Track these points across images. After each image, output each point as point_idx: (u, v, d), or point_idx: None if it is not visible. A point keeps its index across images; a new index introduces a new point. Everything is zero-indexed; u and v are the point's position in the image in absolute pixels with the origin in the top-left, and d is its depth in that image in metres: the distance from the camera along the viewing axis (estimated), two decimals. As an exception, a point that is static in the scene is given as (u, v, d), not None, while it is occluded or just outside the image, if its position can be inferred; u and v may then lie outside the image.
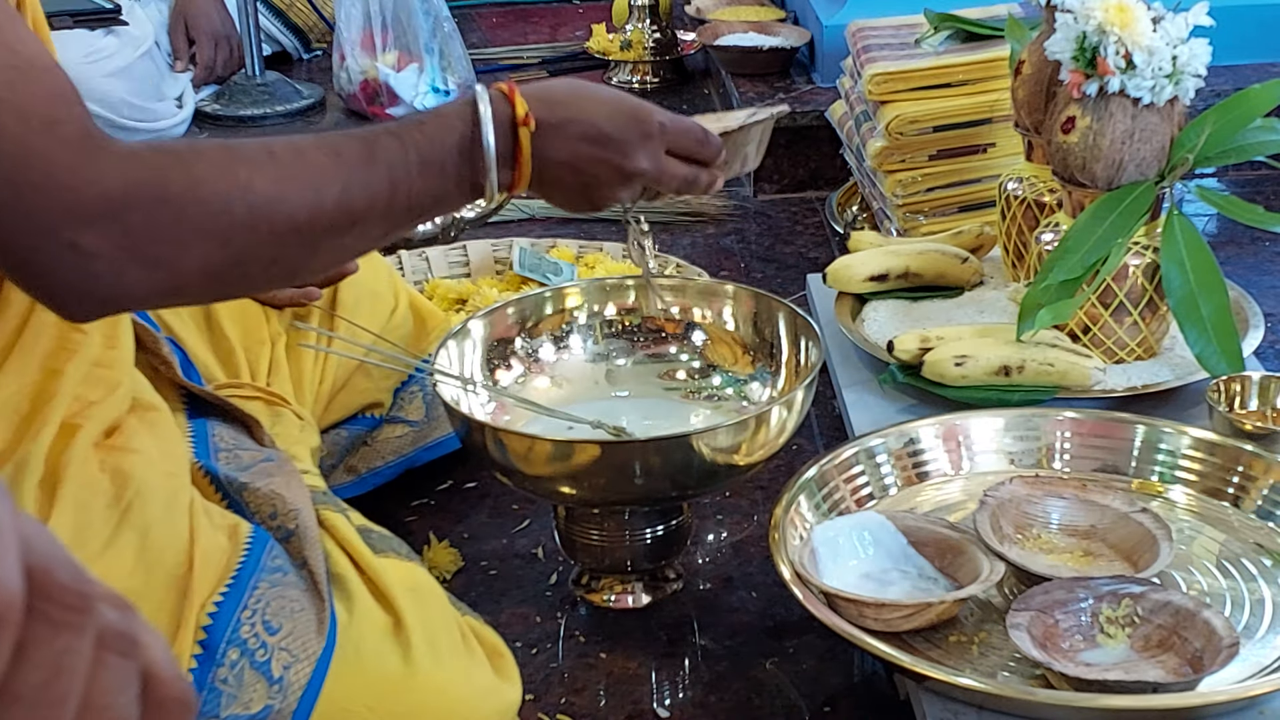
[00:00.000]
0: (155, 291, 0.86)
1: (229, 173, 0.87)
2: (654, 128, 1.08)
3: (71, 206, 0.81)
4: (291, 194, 0.89)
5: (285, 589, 1.00)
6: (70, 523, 0.93)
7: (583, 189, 1.07)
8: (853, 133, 2.06)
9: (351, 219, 0.93)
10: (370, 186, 0.93)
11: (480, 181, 0.99)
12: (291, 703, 0.97)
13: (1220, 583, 1.25)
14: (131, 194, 0.83)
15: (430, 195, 0.97)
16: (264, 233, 0.88)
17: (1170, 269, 1.49)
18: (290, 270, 0.96)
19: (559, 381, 1.45)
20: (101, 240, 0.82)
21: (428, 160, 0.96)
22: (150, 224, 0.84)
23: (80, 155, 0.82)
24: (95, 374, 1.01)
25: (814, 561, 1.22)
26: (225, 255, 0.87)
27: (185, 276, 0.86)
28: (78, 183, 0.81)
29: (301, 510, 1.06)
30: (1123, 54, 1.46)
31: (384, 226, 0.96)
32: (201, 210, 0.85)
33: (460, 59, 2.70)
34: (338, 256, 0.97)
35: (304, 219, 0.90)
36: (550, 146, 1.03)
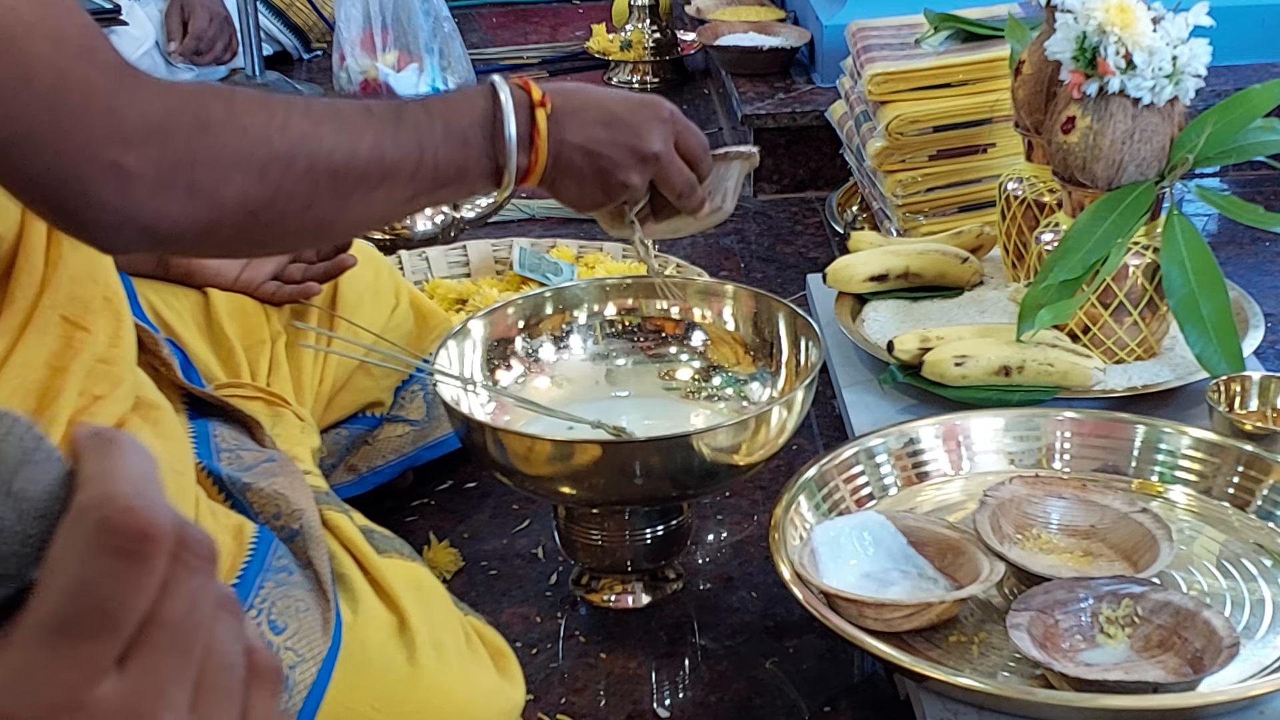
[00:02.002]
0: (194, 223, 0.85)
1: (267, 109, 0.88)
2: (665, 112, 1.12)
3: (112, 129, 0.81)
4: (326, 136, 0.90)
5: (290, 589, 1.01)
6: None
7: (596, 174, 1.08)
8: (853, 133, 2.06)
9: (382, 173, 0.94)
10: (400, 144, 0.94)
11: (500, 163, 1.01)
12: (297, 702, 0.97)
13: (1220, 583, 1.25)
14: (172, 119, 0.83)
15: (454, 165, 0.98)
16: (301, 169, 0.89)
17: (1170, 269, 1.49)
18: (323, 221, 0.95)
19: (559, 381, 1.45)
20: (142, 162, 0.82)
21: (451, 130, 0.98)
22: (190, 149, 0.84)
23: (118, 80, 0.82)
24: (99, 370, 1.01)
25: (814, 561, 1.22)
26: (263, 190, 0.87)
27: (223, 208, 0.86)
28: (118, 105, 0.81)
29: (305, 510, 1.07)
30: (1123, 54, 1.46)
31: (411, 189, 0.97)
32: (240, 139, 0.86)
33: (460, 59, 2.70)
34: (367, 214, 0.97)
35: (339, 162, 0.91)
36: (566, 129, 1.05)
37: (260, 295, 1.38)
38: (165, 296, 1.33)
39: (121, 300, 1.06)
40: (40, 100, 0.80)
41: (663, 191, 1.15)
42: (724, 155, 1.22)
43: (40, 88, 0.80)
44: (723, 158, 1.22)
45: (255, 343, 1.36)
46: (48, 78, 0.80)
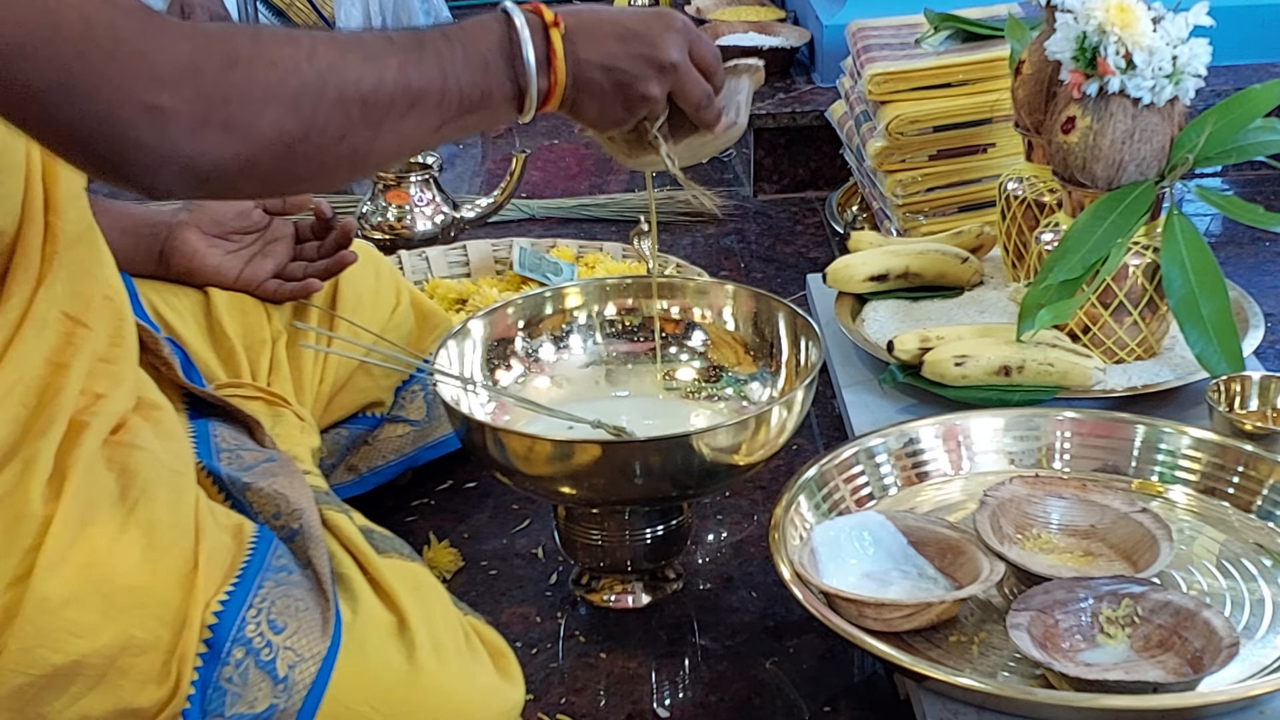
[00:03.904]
0: (232, 159, 0.86)
1: (293, 42, 0.89)
2: (678, 23, 1.12)
3: (144, 70, 0.82)
4: (353, 63, 0.91)
5: (290, 588, 1.01)
6: (76, 519, 0.94)
7: (617, 89, 1.08)
8: (853, 133, 2.06)
9: (409, 99, 0.95)
10: (424, 70, 0.96)
11: (522, 85, 1.02)
12: (296, 702, 0.97)
13: (1220, 583, 1.26)
14: (201, 57, 0.84)
15: (477, 90, 0.99)
16: (332, 98, 0.90)
17: (1170, 269, 1.49)
18: (357, 151, 0.95)
19: (559, 381, 1.45)
20: (177, 100, 0.83)
21: (471, 55, 0.99)
22: (222, 85, 0.85)
23: (144, 23, 0.83)
24: (101, 369, 1.01)
25: (814, 561, 1.22)
26: (296, 121, 0.88)
27: (260, 142, 0.87)
28: (146, 47, 0.82)
29: (305, 510, 1.07)
30: (1123, 54, 1.46)
31: (439, 116, 0.98)
32: (270, 72, 0.87)
33: (460, 59, 2.70)
34: (398, 142, 0.98)
35: (368, 89, 0.92)
36: (583, 46, 1.05)
37: (261, 294, 1.38)
38: (166, 296, 1.33)
39: (122, 299, 1.06)
40: (70, 47, 0.81)
41: (681, 104, 1.15)
42: (733, 69, 1.22)
43: (69, 35, 0.81)
44: (733, 70, 1.21)
45: (256, 342, 1.36)
46: (75, 25, 0.81)
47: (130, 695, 0.94)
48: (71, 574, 0.92)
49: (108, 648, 0.93)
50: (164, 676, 0.95)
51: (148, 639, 0.94)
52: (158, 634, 0.95)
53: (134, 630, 0.94)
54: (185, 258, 1.35)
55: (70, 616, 0.92)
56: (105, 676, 0.93)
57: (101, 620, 0.93)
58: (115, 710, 0.94)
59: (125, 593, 0.94)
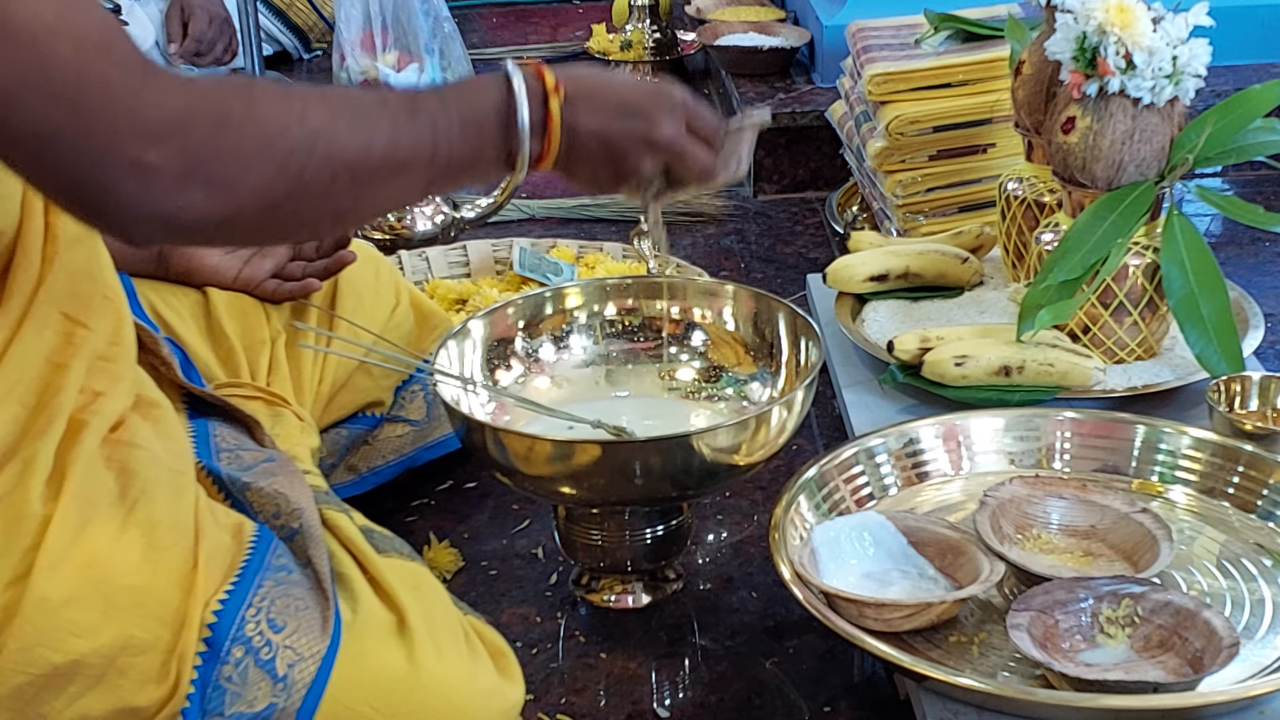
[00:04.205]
0: (215, 215, 0.86)
1: (285, 101, 0.89)
2: (677, 100, 1.12)
3: (133, 125, 0.82)
4: (343, 127, 0.91)
5: (290, 587, 1.01)
6: (76, 518, 0.94)
7: (609, 160, 1.09)
8: (853, 133, 2.06)
9: (398, 162, 0.95)
10: (415, 135, 0.96)
11: (514, 150, 1.01)
12: (296, 701, 0.97)
13: (1220, 583, 1.25)
14: (193, 114, 0.84)
15: (468, 155, 0.99)
16: (318, 161, 0.90)
17: (1170, 269, 1.49)
18: (339, 210, 0.96)
19: (559, 381, 1.45)
20: (164, 157, 0.83)
21: (466, 120, 0.99)
22: (211, 143, 0.85)
23: (139, 77, 0.83)
24: (99, 366, 1.01)
25: (814, 561, 1.22)
26: (282, 182, 0.88)
27: (244, 200, 0.87)
28: (139, 103, 0.82)
29: (305, 510, 1.07)
30: (1123, 54, 1.46)
31: (426, 178, 0.98)
32: (260, 132, 0.87)
33: (460, 59, 2.70)
34: (383, 202, 0.98)
35: (356, 153, 0.92)
36: (579, 116, 1.05)
37: (260, 293, 1.38)
38: (165, 296, 1.33)
39: (121, 298, 1.06)
40: (62, 99, 0.81)
41: (679, 174, 1.15)
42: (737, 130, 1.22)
43: (62, 87, 0.81)
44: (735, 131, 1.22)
45: (255, 342, 1.36)
46: (69, 77, 0.81)
47: (130, 695, 0.94)
48: (71, 573, 0.92)
49: (107, 647, 0.93)
50: (163, 676, 0.95)
51: (147, 638, 0.94)
52: (157, 633, 0.95)
53: (133, 630, 0.94)
54: (184, 257, 1.35)
55: (70, 616, 0.92)
56: (104, 676, 0.93)
57: (101, 620, 0.93)
58: (115, 710, 0.94)
59: (125, 592, 0.94)
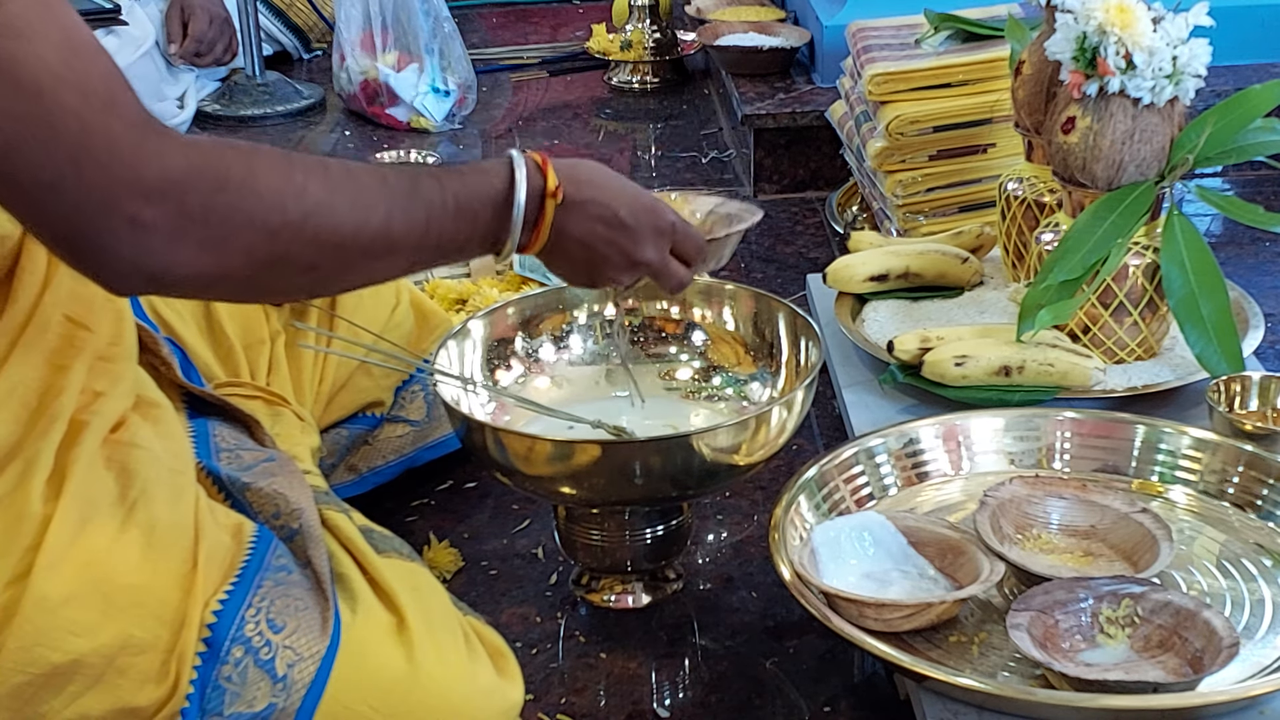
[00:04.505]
0: (201, 274, 0.87)
1: (286, 173, 0.90)
2: (666, 225, 1.14)
3: (133, 182, 0.82)
4: (340, 205, 0.92)
5: (290, 588, 1.01)
6: (76, 518, 0.94)
7: (588, 265, 1.12)
8: (853, 133, 2.06)
9: (388, 244, 0.95)
10: (410, 217, 0.96)
11: (502, 239, 1.03)
12: (295, 701, 0.97)
13: (1220, 583, 1.26)
14: (192, 176, 0.85)
15: (458, 239, 1.01)
16: (309, 236, 0.90)
17: (1170, 269, 1.49)
18: (322, 281, 0.97)
19: (559, 381, 1.45)
20: (159, 216, 0.83)
21: (463, 207, 1.00)
22: (207, 207, 0.85)
23: (142, 134, 0.83)
24: (100, 367, 1.02)
25: (814, 562, 1.22)
26: (270, 250, 0.89)
27: (231, 264, 0.87)
28: (139, 160, 0.83)
29: (305, 510, 1.07)
30: (1123, 54, 1.46)
31: (412, 259, 0.99)
32: (257, 202, 0.87)
33: (460, 59, 2.70)
34: (366, 279, 1.00)
35: (348, 232, 0.92)
36: (570, 221, 1.07)
37: None
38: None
39: (122, 299, 1.06)
40: (65, 152, 0.81)
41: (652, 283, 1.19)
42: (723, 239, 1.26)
43: (65, 140, 0.81)
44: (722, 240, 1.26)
45: (255, 342, 1.36)
46: (73, 130, 0.81)
47: (129, 694, 0.94)
48: (71, 573, 0.92)
49: (106, 647, 0.93)
50: (163, 675, 0.95)
51: (146, 638, 0.94)
52: (156, 633, 0.95)
53: (133, 629, 0.94)
54: None
55: (69, 615, 0.92)
56: (104, 676, 0.93)
57: (100, 619, 0.93)
58: (114, 709, 0.94)
59: (124, 592, 0.94)
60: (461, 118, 2.69)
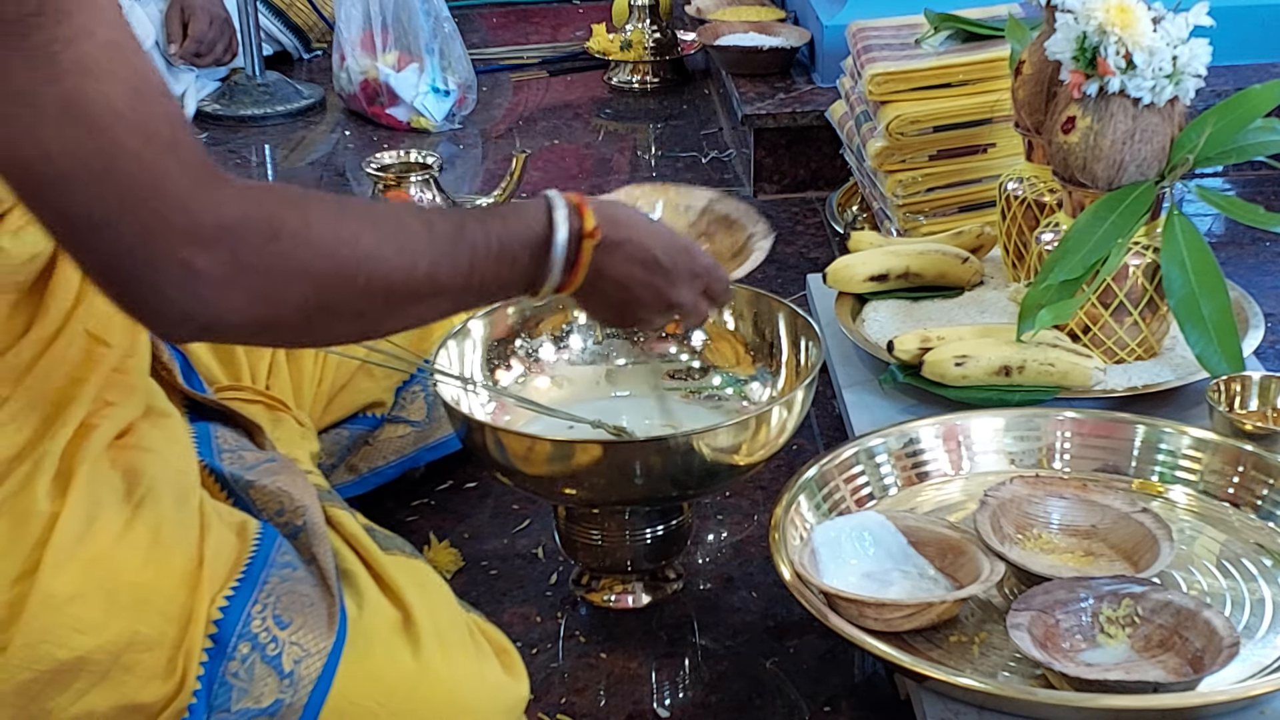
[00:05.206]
0: (251, 323, 0.87)
1: (338, 222, 0.89)
2: (700, 268, 1.14)
3: (188, 228, 0.82)
4: (390, 255, 0.92)
5: (295, 584, 1.01)
6: (82, 516, 0.94)
7: (623, 305, 1.11)
8: (853, 133, 2.06)
9: (433, 289, 0.95)
10: (455, 263, 0.96)
11: (540, 282, 1.02)
12: (302, 697, 0.97)
13: (1221, 583, 1.26)
14: (247, 225, 0.84)
15: (498, 282, 1.00)
16: (360, 285, 0.90)
17: (1171, 269, 1.49)
18: (368, 328, 0.98)
19: (559, 381, 1.45)
20: (212, 263, 0.83)
21: (505, 251, 0.99)
22: (261, 255, 0.85)
23: (200, 181, 0.83)
24: (114, 378, 1.02)
25: (814, 561, 1.22)
26: (321, 299, 0.89)
27: (282, 312, 0.87)
28: (195, 205, 0.82)
29: (309, 507, 1.07)
30: (1123, 54, 1.46)
31: (454, 302, 0.99)
32: (309, 252, 0.87)
33: (461, 59, 2.70)
34: (410, 323, 1.00)
35: (398, 280, 0.92)
36: (608, 262, 1.06)
37: None
38: None
39: None
40: (119, 192, 0.81)
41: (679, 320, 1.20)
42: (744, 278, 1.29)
43: (121, 179, 0.80)
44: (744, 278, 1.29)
45: None
46: (130, 170, 0.80)
47: (135, 691, 0.94)
48: (77, 570, 0.93)
49: (112, 643, 0.93)
50: (170, 672, 0.95)
51: (153, 635, 0.95)
52: (163, 630, 0.95)
53: (139, 626, 0.94)
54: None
55: (75, 612, 0.93)
56: (110, 672, 0.94)
57: (106, 616, 0.93)
58: (120, 706, 0.94)
59: (130, 589, 0.95)
60: (461, 118, 2.69)
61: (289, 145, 2.67)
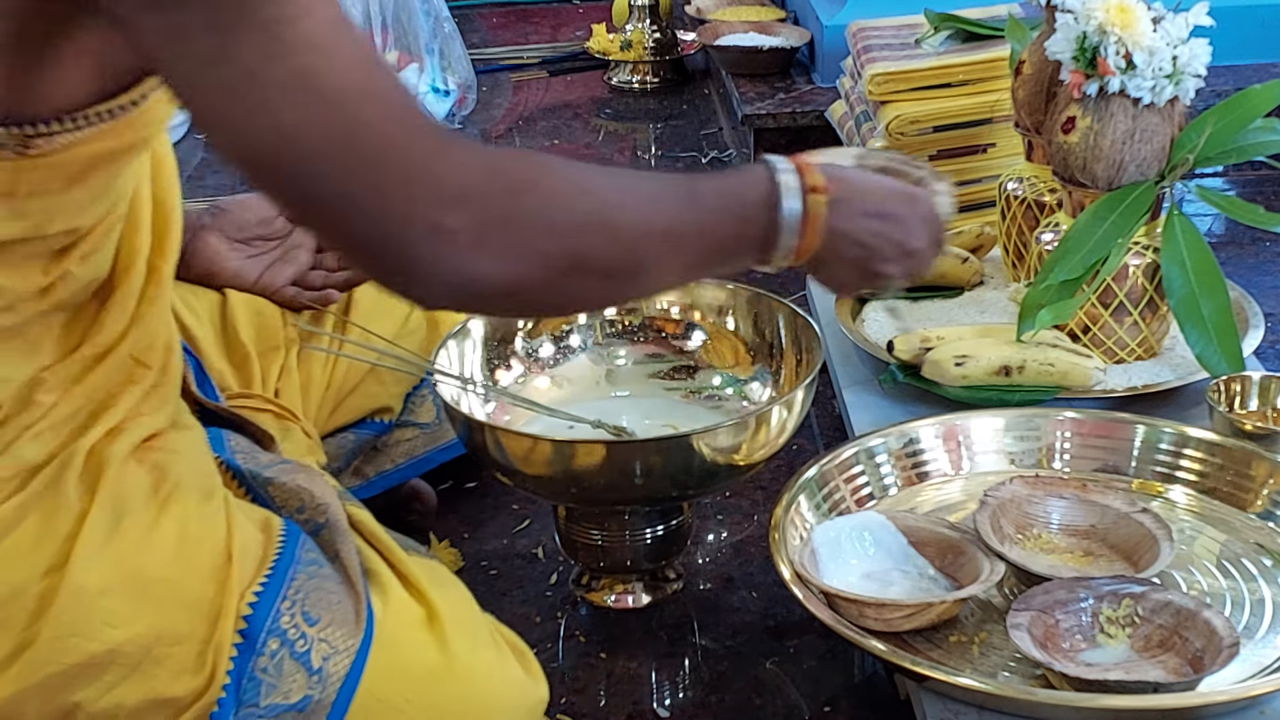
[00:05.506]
0: (502, 281, 0.87)
1: (575, 176, 0.91)
2: (929, 212, 1.12)
3: (433, 191, 0.83)
4: (627, 204, 0.92)
5: (322, 581, 1.02)
6: (110, 513, 0.95)
7: (861, 262, 1.08)
8: (853, 133, 2.06)
9: (673, 244, 0.95)
10: (691, 217, 0.96)
11: (773, 242, 1.01)
12: (330, 693, 0.98)
13: (1220, 583, 1.26)
14: (490, 183, 0.85)
15: (732, 241, 1.00)
16: (603, 237, 0.91)
17: (1171, 269, 1.49)
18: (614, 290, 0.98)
19: (559, 381, 1.45)
20: (461, 222, 0.84)
21: (734, 207, 0.99)
22: (504, 212, 0.86)
23: (439, 144, 0.84)
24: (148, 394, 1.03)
25: (814, 561, 1.22)
26: (566, 254, 0.89)
27: (532, 268, 0.88)
28: (439, 169, 0.83)
29: (330, 504, 1.07)
30: (1123, 54, 1.46)
31: (694, 261, 0.98)
32: (551, 206, 0.88)
33: (460, 59, 2.71)
34: (654, 283, 1.00)
35: (639, 231, 0.93)
36: (839, 216, 1.04)
37: (279, 299, 1.38)
38: (184, 295, 1.33)
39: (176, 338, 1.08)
40: (366, 162, 0.81)
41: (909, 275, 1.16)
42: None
43: (363, 150, 0.81)
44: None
45: (269, 349, 1.37)
46: (371, 141, 0.81)
47: (165, 685, 0.95)
48: (107, 565, 0.93)
49: (142, 637, 0.94)
50: (199, 666, 0.95)
51: (182, 629, 0.95)
52: (193, 624, 0.96)
53: (168, 620, 0.95)
54: (206, 260, 1.36)
55: (105, 606, 0.93)
56: (140, 666, 0.94)
57: (136, 610, 0.94)
58: (149, 700, 0.95)
59: (160, 584, 0.95)
60: (461, 117, 2.69)
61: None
